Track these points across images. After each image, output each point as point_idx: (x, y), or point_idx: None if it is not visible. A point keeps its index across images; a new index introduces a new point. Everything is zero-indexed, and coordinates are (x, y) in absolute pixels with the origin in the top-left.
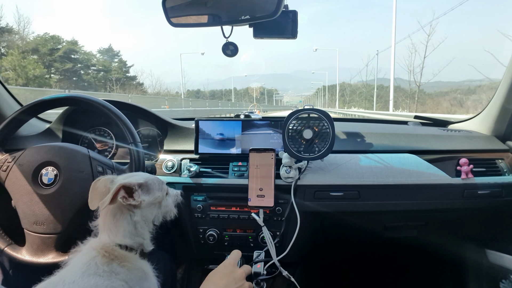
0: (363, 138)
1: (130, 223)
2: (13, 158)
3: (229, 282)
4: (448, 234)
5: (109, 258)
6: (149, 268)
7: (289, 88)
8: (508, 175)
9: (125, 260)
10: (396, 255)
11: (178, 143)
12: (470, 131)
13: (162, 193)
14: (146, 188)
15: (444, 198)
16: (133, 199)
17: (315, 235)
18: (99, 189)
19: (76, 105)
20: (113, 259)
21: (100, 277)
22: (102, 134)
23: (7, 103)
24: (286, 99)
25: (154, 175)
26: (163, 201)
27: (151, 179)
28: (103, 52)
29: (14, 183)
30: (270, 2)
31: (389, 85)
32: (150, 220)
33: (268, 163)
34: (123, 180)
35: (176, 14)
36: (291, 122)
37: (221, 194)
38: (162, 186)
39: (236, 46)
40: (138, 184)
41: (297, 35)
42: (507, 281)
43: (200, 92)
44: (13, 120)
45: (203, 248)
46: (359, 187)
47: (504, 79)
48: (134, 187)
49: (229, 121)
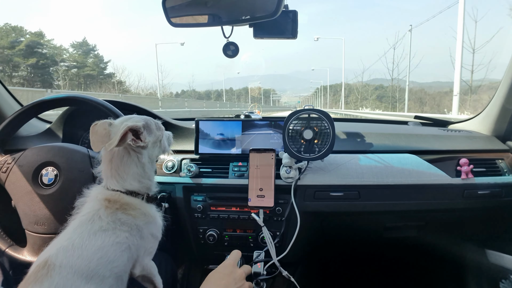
0: (363, 138)
1: (139, 165)
2: (13, 159)
3: (229, 282)
4: (448, 234)
5: (113, 208)
6: (155, 212)
7: (287, 88)
8: (508, 175)
9: (130, 207)
10: (396, 255)
11: (178, 143)
12: (470, 131)
13: (161, 132)
14: (148, 128)
15: (444, 198)
16: (141, 140)
17: (315, 235)
18: (99, 132)
19: (76, 105)
20: (118, 208)
21: (105, 233)
22: None
23: (7, 103)
24: (284, 100)
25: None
26: (162, 140)
27: (149, 119)
28: (76, 46)
29: (14, 184)
30: (270, 2)
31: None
32: (154, 160)
33: (268, 163)
34: (124, 122)
35: (176, 14)
36: (292, 122)
37: (221, 194)
38: (159, 125)
39: (237, 46)
40: (143, 126)
41: (297, 35)
42: (507, 281)
43: (185, 92)
44: (13, 120)
45: (203, 248)
46: (359, 187)
47: (504, 79)
48: (140, 129)
49: (229, 121)
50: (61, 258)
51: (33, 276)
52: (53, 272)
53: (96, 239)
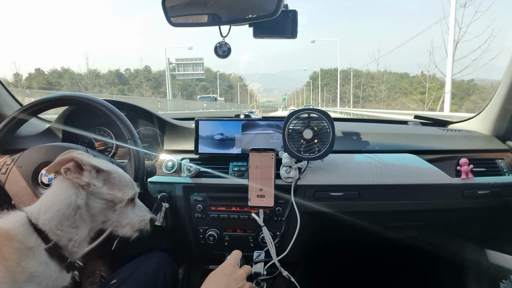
0: (363, 138)
1: (72, 204)
2: (12, 160)
3: (229, 282)
4: (448, 234)
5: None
6: (43, 272)
7: (274, 88)
8: (508, 175)
9: (15, 252)
10: (396, 255)
11: (178, 143)
12: (470, 131)
13: (123, 196)
14: (107, 179)
15: (444, 198)
16: (80, 175)
17: (315, 235)
18: (62, 158)
19: (76, 105)
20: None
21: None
22: (102, 134)
23: (7, 103)
24: (267, 99)
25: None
26: (120, 207)
27: (120, 175)
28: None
29: (14, 184)
30: (270, 2)
31: None
32: (96, 219)
33: (268, 163)
34: (85, 158)
35: (176, 14)
36: (291, 122)
37: (221, 194)
38: (127, 191)
39: (229, 46)
40: (93, 166)
41: (297, 34)
42: (507, 281)
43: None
44: (13, 120)
45: (203, 248)
46: (359, 187)
47: (504, 79)
48: (86, 166)
49: (229, 121)
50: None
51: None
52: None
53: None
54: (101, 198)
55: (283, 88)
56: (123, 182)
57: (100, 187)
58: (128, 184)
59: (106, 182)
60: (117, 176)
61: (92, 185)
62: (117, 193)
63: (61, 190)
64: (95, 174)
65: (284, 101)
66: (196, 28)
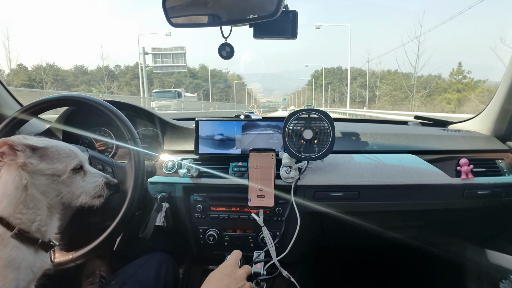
0: (363, 139)
1: (19, 186)
2: None
3: (230, 282)
4: (448, 234)
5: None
6: (17, 255)
7: (275, 88)
8: (508, 175)
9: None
10: (396, 255)
11: (178, 143)
12: (470, 131)
13: (65, 167)
14: (44, 154)
15: (444, 198)
16: (15, 156)
17: (315, 235)
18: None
19: (76, 105)
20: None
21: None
22: (102, 134)
23: (7, 103)
24: (267, 99)
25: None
26: (68, 178)
27: (59, 148)
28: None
29: None
30: (270, 2)
31: None
32: (47, 195)
33: (268, 164)
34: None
35: (176, 14)
36: (291, 122)
37: (221, 194)
38: (69, 161)
39: (232, 48)
40: (26, 145)
41: (297, 35)
42: (507, 281)
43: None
44: (13, 120)
45: (203, 248)
46: (359, 187)
47: (504, 79)
48: (18, 146)
49: (229, 121)
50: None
51: None
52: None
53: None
54: (43, 174)
55: (283, 88)
56: (63, 154)
57: (38, 164)
58: (70, 155)
59: (44, 158)
60: (55, 150)
61: (29, 163)
62: (58, 166)
63: (6, 175)
64: (30, 153)
65: (284, 101)
66: None
